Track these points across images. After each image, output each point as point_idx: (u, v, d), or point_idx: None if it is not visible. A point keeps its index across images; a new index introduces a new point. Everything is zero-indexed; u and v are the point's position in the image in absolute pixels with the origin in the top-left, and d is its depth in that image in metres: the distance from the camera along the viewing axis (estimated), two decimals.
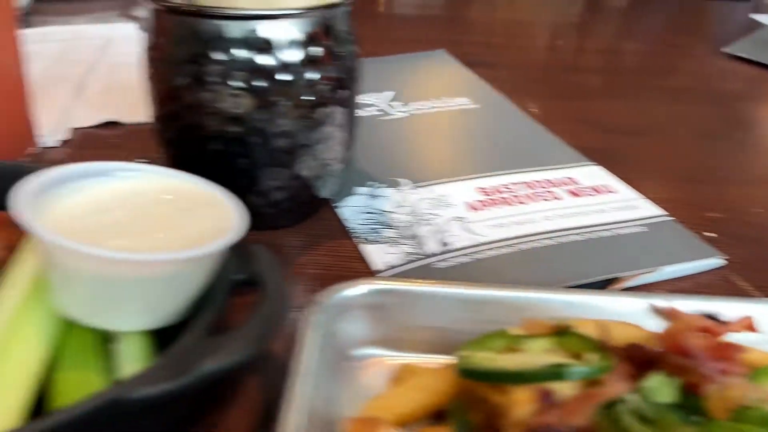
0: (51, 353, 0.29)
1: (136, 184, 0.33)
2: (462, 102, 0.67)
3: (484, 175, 0.53)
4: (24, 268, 0.30)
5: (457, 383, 0.30)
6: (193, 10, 0.38)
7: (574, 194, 0.51)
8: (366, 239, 0.44)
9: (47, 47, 0.76)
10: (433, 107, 0.66)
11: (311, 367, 0.29)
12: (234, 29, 0.37)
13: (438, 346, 0.35)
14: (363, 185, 0.51)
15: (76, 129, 0.60)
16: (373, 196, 0.50)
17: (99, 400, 0.25)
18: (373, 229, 0.46)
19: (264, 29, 0.38)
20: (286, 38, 0.38)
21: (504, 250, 0.44)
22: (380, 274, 0.41)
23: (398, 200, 0.49)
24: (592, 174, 0.54)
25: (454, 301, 0.34)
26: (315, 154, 0.43)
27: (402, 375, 0.33)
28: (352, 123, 0.45)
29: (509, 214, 0.48)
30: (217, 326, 0.29)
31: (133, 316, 0.29)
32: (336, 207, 0.48)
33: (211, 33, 0.38)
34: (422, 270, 0.41)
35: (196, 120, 0.40)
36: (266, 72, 0.38)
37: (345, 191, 0.50)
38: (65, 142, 0.57)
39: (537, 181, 0.52)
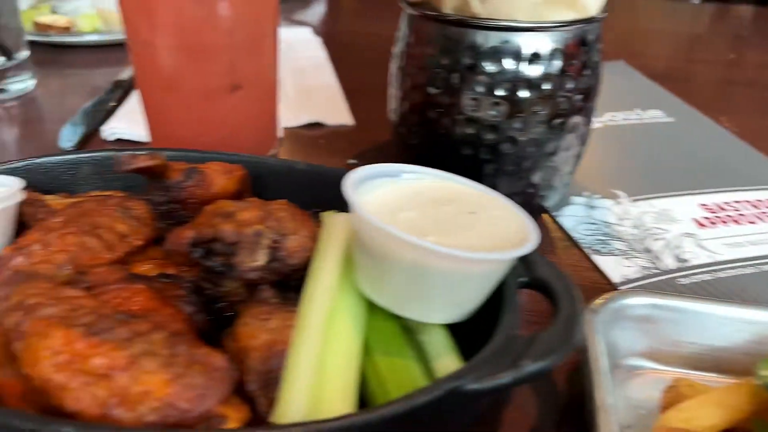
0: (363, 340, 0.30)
1: (420, 185, 0.35)
2: (655, 115, 0.66)
3: (703, 191, 0.52)
4: (330, 257, 0.33)
5: (755, 401, 0.30)
6: (462, 20, 0.39)
7: None
8: (597, 250, 0.45)
9: None
10: (626, 119, 0.65)
11: (606, 370, 0.30)
12: (507, 41, 0.38)
13: (707, 364, 0.34)
14: (579, 194, 0.51)
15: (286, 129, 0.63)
16: (591, 207, 0.50)
17: (439, 389, 0.26)
18: (600, 240, 0.46)
19: (533, 41, 0.39)
20: (550, 50, 0.39)
21: (746, 270, 0.42)
22: (622, 287, 0.41)
23: (619, 213, 0.49)
24: None
25: (727, 320, 0.34)
26: (554, 163, 0.43)
27: (682, 390, 0.33)
28: (588, 133, 0.45)
29: (742, 233, 0.46)
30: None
31: (441, 309, 0.30)
32: (555, 216, 0.49)
33: (482, 44, 0.39)
34: (663, 285, 0.41)
35: (450, 126, 0.42)
36: (530, 82, 0.39)
37: (563, 201, 0.50)
38: (280, 141, 0.61)
39: (760, 201, 0.51)
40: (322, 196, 0.40)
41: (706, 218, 0.48)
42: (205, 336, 0.31)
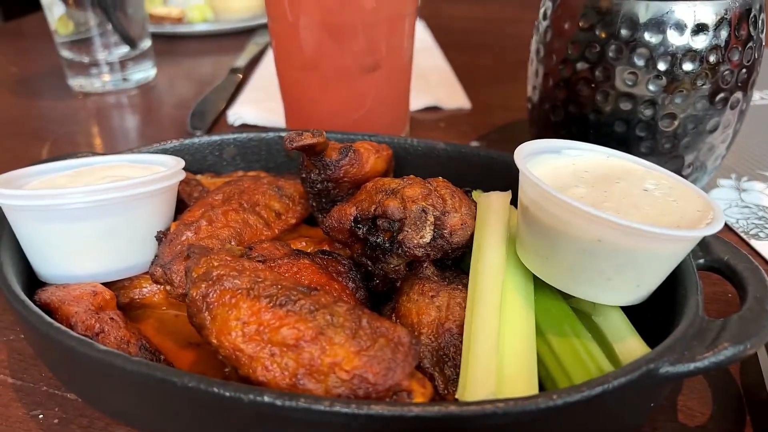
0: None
1: (585, 162, 0.33)
2: None
3: None
4: (495, 235, 0.32)
5: None
6: None
7: None
8: (754, 235, 0.42)
9: None
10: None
11: None
12: (671, 11, 0.36)
13: None
14: (726, 177, 0.48)
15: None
16: (742, 190, 0.47)
17: (635, 372, 0.25)
18: (755, 224, 0.43)
19: (698, 11, 0.36)
20: (717, 20, 0.37)
21: None
22: None
23: None
24: None
25: None
26: (711, 142, 0.41)
27: None
28: (746, 110, 0.43)
29: None
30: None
31: (619, 290, 0.29)
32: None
33: (643, 15, 0.37)
34: None
35: (602, 102, 0.40)
36: (695, 54, 0.37)
37: (711, 183, 0.47)
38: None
39: None
40: (462, 175, 0.39)
41: None
42: None
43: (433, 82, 0.68)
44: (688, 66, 0.37)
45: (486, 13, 1.00)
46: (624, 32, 0.38)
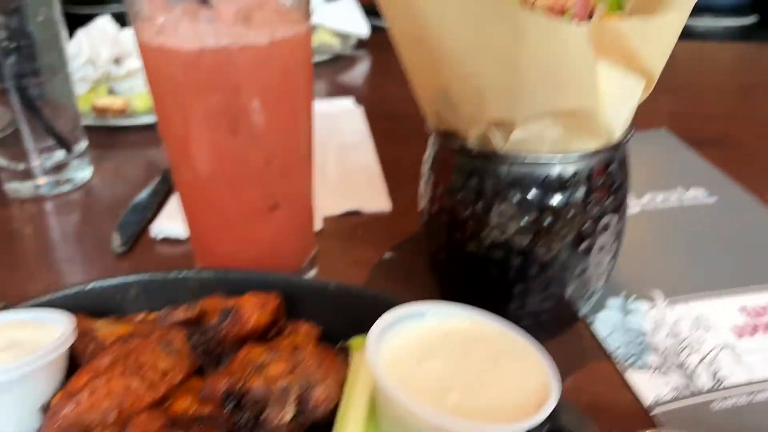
0: None
1: (446, 326, 0.35)
2: (697, 194, 0.65)
3: (743, 289, 0.51)
4: (355, 409, 0.34)
5: None
6: (485, 153, 0.40)
7: None
8: (629, 364, 0.44)
9: None
10: (666, 201, 0.64)
11: None
12: (531, 172, 0.39)
13: None
14: (615, 295, 0.51)
15: (324, 218, 0.65)
16: (627, 311, 0.49)
17: None
18: (633, 352, 0.45)
19: (557, 171, 0.39)
20: (575, 178, 0.40)
21: None
22: (655, 410, 0.41)
23: (655, 318, 0.48)
24: None
25: None
26: (584, 278, 0.44)
27: None
28: (620, 242, 0.45)
29: None
30: None
31: None
32: (590, 322, 0.49)
33: (506, 175, 0.40)
34: (696, 411, 0.40)
35: (478, 250, 0.42)
36: (555, 210, 0.40)
37: (599, 303, 0.50)
38: (316, 233, 0.63)
39: None
40: (353, 316, 0.41)
41: (747, 326, 0.47)
42: None
43: (358, 184, 0.71)
44: (549, 220, 0.40)
45: None
46: (490, 189, 0.40)
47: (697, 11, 0.38)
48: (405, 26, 0.38)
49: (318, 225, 0.63)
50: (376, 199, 0.67)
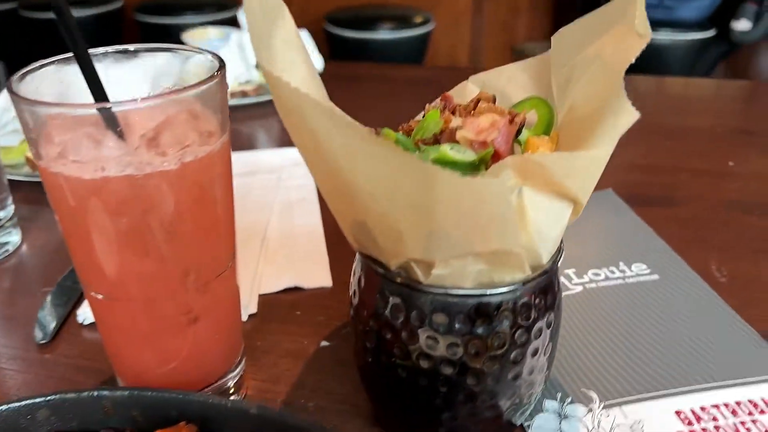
0: None
1: None
2: (639, 270, 0.64)
3: (679, 391, 0.50)
4: None
5: None
6: (407, 282, 0.38)
7: None
8: None
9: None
10: (608, 278, 0.63)
11: None
12: (455, 304, 0.38)
13: None
14: (551, 396, 0.50)
15: (261, 295, 0.63)
16: (563, 416, 0.48)
17: None
18: None
19: (481, 303, 0.38)
20: (501, 309, 0.38)
21: None
22: None
23: (591, 425, 0.47)
24: None
25: None
26: (516, 397, 0.42)
27: None
28: (554, 349, 0.44)
29: None
30: None
31: None
32: (527, 428, 0.47)
33: (427, 307, 0.38)
34: None
35: (405, 375, 0.41)
36: (480, 340, 0.39)
37: (536, 408, 0.49)
38: (251, 316, 0.61)
39: (739, 403, 0.49)
40: None
41: None
42: None
43: (299, 255, 0.68)
44: (473, 350, 0.39)
45: None
46: (414, 319, 0.39)
47: (659, 25, 0.37)
48: (316, 159, 0.36)
49: (252, 307, 0.61)
50: (317, 273, 0.65)
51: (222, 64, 0.41)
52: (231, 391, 0.49)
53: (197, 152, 0.39)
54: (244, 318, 0.59)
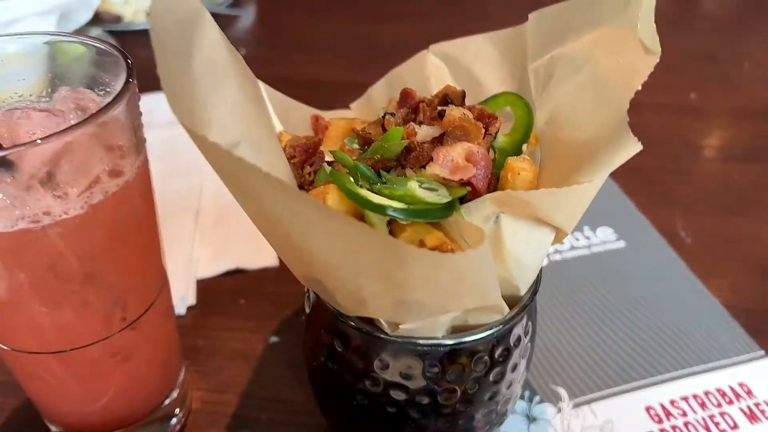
0: None
1: None
2: (606, 236, 0.61)
3: (648, 383, 0.48)
4: None
5: None
6: (376, 336, 0.33)
7: (750, 417, 0.46)
8: None
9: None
10: (574, 247, 0.60)
11: None
12: (423, 353, 0.33)
13: None
14: (521, 397, 0.47)
15: (198, 281, 0.57)
16: (531, 418, 0.46)
17: None
18: None
19: (454, 350, 0.34)
20: (477, 354, 0.34)
21: None
22: None
23: (559, 428, 0.45)
24: (766, 374, 0.49)
25: None
26: (489, 418, 0.39)
27: None
28: (528, 369, 0.41)
29: None
30: None
31: None
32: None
33: (397, 357, 0.34)
34: None
35: (365, 409, 0.37)
36: (452, 384, 0.35)
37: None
38: (190, 308, 0.55)
39: (708, 394, 0.48)
40: None
41: None
42: None
43: (239, 231, 0.62)
44: (446, 396, 0.35)
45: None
46: (377, 366, 0.34)
47: None
48: (261, 219, 0.30)
49: (191, 298, 0.55)
50: (260, 252, 0.59)
51: (129, 63, 0.32)
52: (177, 412, 0.45)
53: (108, 187, 0.31)
54: (182, 311, 0.54)
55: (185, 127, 0.24)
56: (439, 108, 0.36)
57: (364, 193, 0.30)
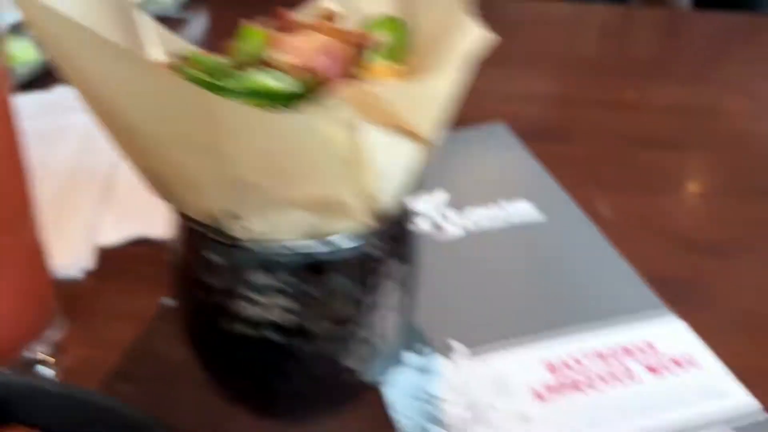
0: None
1: None
2: (523, 209, 0.60)
3: (549, 337, 0.47)
4: None
5: None
6: (227, 242, 0.32)
7: (653, 371, 0.45)
8: None
9: (68, 132, 0.68)
10: (487, 218, 0.59)
11: None
12: (280, 262, 0.32)
13: None
14: (412, 348, 0.45)
15: (104, 249, 0.55)
16: (423, 371, 0.44)
17: None
18: (423, 427, 0.41)
19: (313, 259, 0.32)
20: (338, 265, 0.33)
21: None
22: None
23: (452, 380, 0.44)
24: (673, 334, 0.48)
25: None
26: (365, 344, 0.37)
27: None
28: (411, 305, 0.39)
29: (581, 408, 0.42)
30: None
31: None
32: (382, 386, 0.43)
33: (253, 266, 0.32)
34: None
35: (230, 338, 0.35)
36: (314, 300, 0.33)
37: (393, 361, 0.44)
38: (89, 273, 0.53)
39: (611, 349, 0.46)
40: (79, 423, 0.34)
41: (547, 386, 0.43)
42: None
43: (146, 204, 0.59)
44: (306, 313, 0.33)
45: None
46: (235, 279, 0.33)
47: None
48: (87, 91, 0.29)
49: (86, 262, 0.53)
50: (167, 221, 0.57)
51: None
52: (43, 362, 0.42)
53: None
54: (78, 274, 0.52)
55: None
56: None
57: (208, 78, 0.29)
